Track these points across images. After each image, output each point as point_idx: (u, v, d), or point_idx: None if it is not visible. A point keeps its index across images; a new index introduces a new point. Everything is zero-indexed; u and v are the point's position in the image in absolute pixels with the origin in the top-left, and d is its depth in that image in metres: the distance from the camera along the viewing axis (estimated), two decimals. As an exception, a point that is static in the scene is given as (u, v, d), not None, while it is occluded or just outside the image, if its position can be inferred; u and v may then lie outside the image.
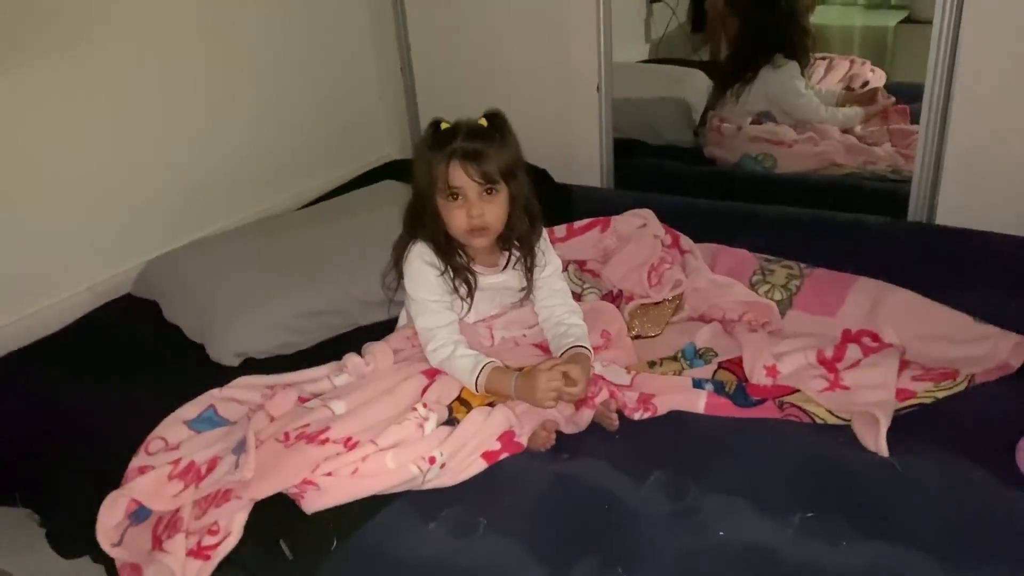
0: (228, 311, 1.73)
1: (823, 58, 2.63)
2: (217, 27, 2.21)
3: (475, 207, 1.46)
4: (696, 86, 2.81)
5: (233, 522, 1.26)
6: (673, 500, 1.27)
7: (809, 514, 1.22)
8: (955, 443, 1.33)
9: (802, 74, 2.59)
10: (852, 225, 2.01)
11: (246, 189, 2.35)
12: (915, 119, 2.34)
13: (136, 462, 1.39)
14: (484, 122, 1.49)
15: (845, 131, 2.50)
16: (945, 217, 2.06)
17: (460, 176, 1.45)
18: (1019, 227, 1.89)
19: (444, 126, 1.49)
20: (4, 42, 1.77)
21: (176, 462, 1.35)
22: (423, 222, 1.53)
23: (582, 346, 1.51)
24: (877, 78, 2.58)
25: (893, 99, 2.49)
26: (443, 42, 2.61)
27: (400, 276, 1.57)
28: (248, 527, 1.27)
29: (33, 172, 1.87)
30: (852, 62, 2.64)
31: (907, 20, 2.55)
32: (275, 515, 1.28)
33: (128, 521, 1.33)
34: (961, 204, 2.02)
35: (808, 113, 2.54)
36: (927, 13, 2.40)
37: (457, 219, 1.48)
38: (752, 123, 2.59)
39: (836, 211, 2.09)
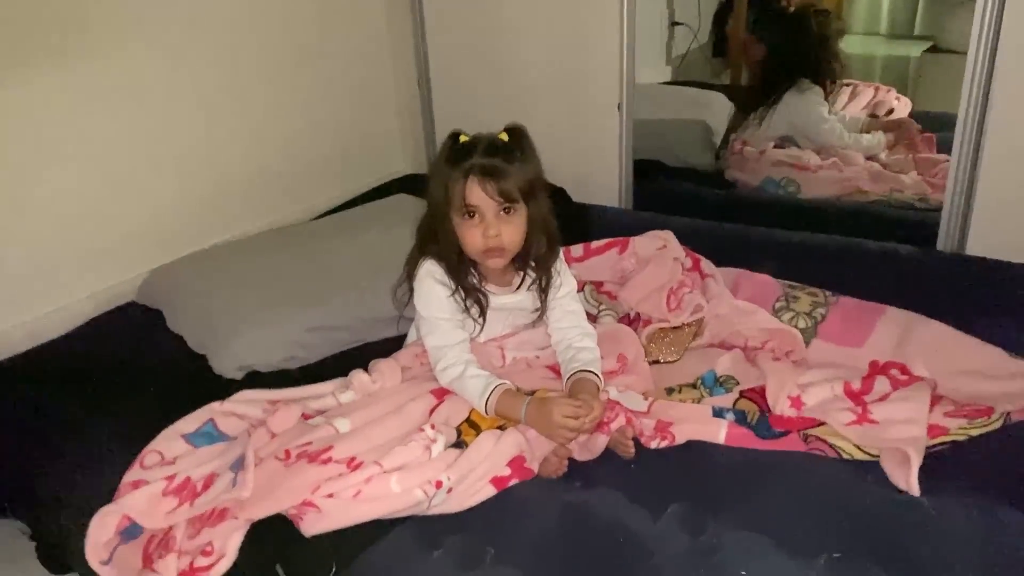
0: (233, 323, 1.70)
1: (848, 85, 2.62)
2: (231, 34, 2.19)
3: (492, 226, 1.42)
4: (717, 109, 2.79)
5: (228, 543, 1.21)
6: (691, 535, 1.22)
7: (836, 555, 1.16)
8: (990, 484, 1.27)
9: (826, 99, 2.56)
10: (880, 253, 1.96)
11: (257, 200, 2.32)
12: (941, 148, 2.31)
13: (130, 476, 1.34)
14: (505, 137, 1.44)
15: (870, 158, 2.47)
16: (976, 247, 2.01)
17: (477, 194, 1.40)
18: (1054, 260, 1.84)
19: (463, 139, 1.44)
20: (12, 46, 1.75)
21: (171, 478, 1.31)
22: (436, 239, 1.48)
23: (589, 371, 1.45)
24: (902, 106, 2.56)
25: (919, 127, 2.45)
26: (462, 56, 2.58)
27: (411, 291, 1.52)
28: (243, 549, 1.22)
29: (39, 176, 1.84)
30: (877, 89, 2.62)
31: (932, 49, 2.53)
32: (272, 537, 1.23)
33: (119, 538, 1.28)
34: (993, 235, 1.98)
35: (832, 139, 2.51)
36: (953, 43, 2.38)
37: (472, 238, 1.43)
38: (775, 147, 2.55)
39: (862, 238, 2.04)
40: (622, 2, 2.22)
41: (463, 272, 1.49)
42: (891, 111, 2.56)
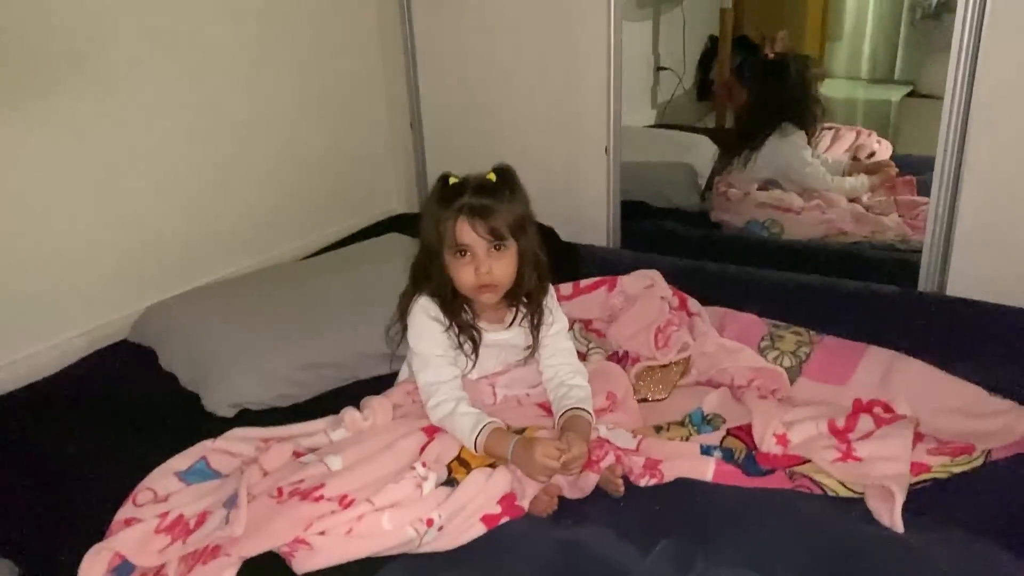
0: (225, 360, 1.71)
1: (829, 128, 2.68)
2: (226, 75, 2.22)
3: (483, 264, 1.45)
4: (702, 151, 2.84)
5: (220, 581, 1.21)
6: (680, 572, 1.22)
7: (822, 590, 1.17)
8: (972, 520, 1.29)
9: (808, 143, 2.62)
10: (862, 293, 1.99)
11: (250, 239, 2.34)
12: (922, 190, 2.37)
13: (122, 514, 1.34)
14: (493, 176, 1.48)
15: (852, 200, 2.52)
16: (956, 288, 2.04)
17: (468, 233, 1.44)
18: (1031, 300, 1.87)
19: (452, 180, 1.48)
20: (7, 82, 1.76)
21: (164, 515, 1.31)
22: (430, 276, 1.51)
23: (582, 408, 1.47)
24: (883, 149, 2.61)
25: (899, 170, 2.51)
26: (454, 98, 2.63)
27: (405, 329, 1.54)
28: (235, 587, 1.21)
29: (31, 213, 1.85)
30: (858, 133, 2.68)
31: (912, 94, 2.60)
32: (264, 575, 1.23)
33: (110, 576, 1.27)
34: (972, 276, 2.01)
35: (815, 182, 2.56)
36: (932, 88, 2.45)
37: (465, 276, 1.46)
38: (759, 189, 2.60)
39: (845, 279, 2.07)
40: (609, 48, 2.28)
41: (456, 309, 1.51)
42: (872, 154, 2.62)
